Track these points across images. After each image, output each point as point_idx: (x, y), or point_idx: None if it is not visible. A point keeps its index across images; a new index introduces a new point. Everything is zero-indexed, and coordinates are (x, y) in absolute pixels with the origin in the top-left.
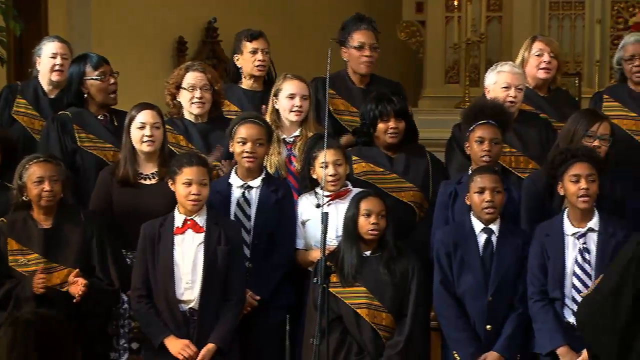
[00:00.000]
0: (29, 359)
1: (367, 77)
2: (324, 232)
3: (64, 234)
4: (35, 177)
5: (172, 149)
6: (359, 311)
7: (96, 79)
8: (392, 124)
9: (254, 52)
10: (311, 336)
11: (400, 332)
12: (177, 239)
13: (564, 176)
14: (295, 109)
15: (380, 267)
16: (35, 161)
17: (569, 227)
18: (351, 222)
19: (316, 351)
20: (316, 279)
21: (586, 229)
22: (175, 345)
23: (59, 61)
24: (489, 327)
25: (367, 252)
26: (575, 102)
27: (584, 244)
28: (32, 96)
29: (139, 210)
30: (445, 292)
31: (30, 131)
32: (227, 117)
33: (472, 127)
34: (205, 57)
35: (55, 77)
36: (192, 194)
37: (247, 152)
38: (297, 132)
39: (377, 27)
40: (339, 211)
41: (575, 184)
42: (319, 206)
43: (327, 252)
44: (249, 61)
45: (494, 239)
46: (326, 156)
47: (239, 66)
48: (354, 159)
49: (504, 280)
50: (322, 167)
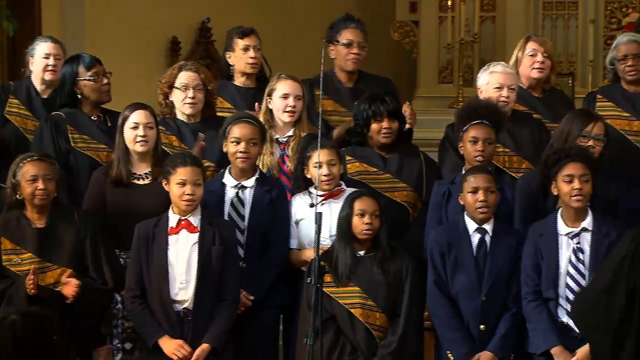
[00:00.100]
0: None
1: (354, 74)
2: (318, 231)
3: (58, 233)
4: (29, 176)
5: (165, 149)
6: (352, 311)
7: (89, 80)
8: (385, 124)
9: (246, 49)
10: (305, 336)
11: (393, 332)
12: (172, 239)
13: (557, 176)
14: (288, 109)
15: (374, 267)
16: (29, 160)
17: (562, 227)
18: (345, 222)
19: (310, 351)
20: (310, 278)
21: (580, 228)
22: (169, 345)
23: (51, 61)
24: (482, 327)
25: (361, 252)
26: (569, 102)
27: (578, 243)
28: (25, 96)
29: (132, 210)
30: (439, 292)
31: (23, 131)
32: (220, 116)
33: (465, 127)
34: (198, 57)
35: (48, 77)
36: (186, 194)
37: (240, 152)
38: (290, 132)
39: (366, 29)
40: (332, 211)
41: (568, 184)
42: (312, 206)
43: (320, 251)
44: (241, 58)
45: (487, 238)
46: (320, 156)
47: (231, 64)
48: (348, 158)
49: (498, 280)
50: (315, 166)
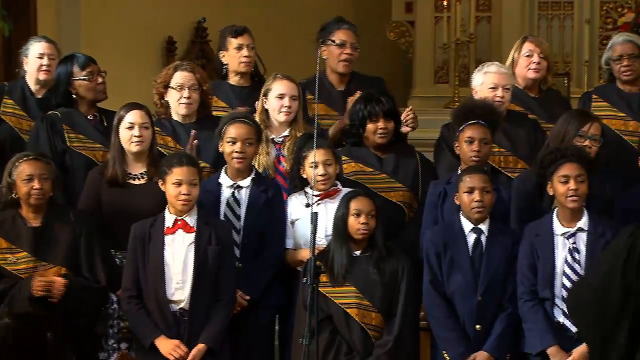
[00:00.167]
0: None
1: (346, 76)
2: (314, 231)
3: (53, 232)
4: (24, 175)
5: (160, 150)
6: (348, 311)
7: (84, 79)
8: (381, 124)
9: (239, 48)
10: (300, 336)
11: (389, 332)
12: (168, 239)
13: (553, 176)
14: (284, 109)
15: (370, 267)
16: (25, 159)
17: (558, 227)
18: (341, 221)
19: (305, 351)
20: (306, 278)
21: (576, 228)
22: (165, 345)
23: (45, 61)
24: (478, 327)
25: (357, 252)
26: (566, 102)
27: (574, 243)
28: (20, 96)
29: (128, 210)
30: (434, 292)
31: (18, 131)
32: (215, 116)
33: (462, 127)
34: (194, 57)
35: (42, 77)
36: (182, 194)
37: (236, 152)
38: (286, 132)
39: (358, 31)
40: (328, 211)
41: (564, 185)
42: (308, 206)
43: (316, 251)
44: (234, 57)
45: (483, 238)
46: (316, 156)
47: (225, 63)
48: (344, 158)
49: (494, 280)
50: (311, 166)
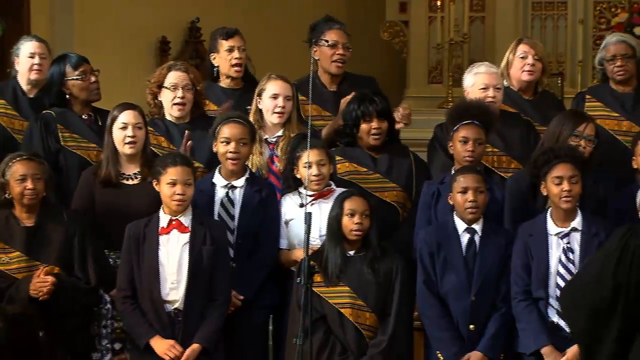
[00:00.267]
0: None
1: (338, 76)
2: (307, 231)
3: (47, 232)
4: (18, 175)
5: (154, 150)
6: (342, 311)
7: (77, 79)
8: (374, 124)
9: (230, 50)
10: (294, 336)
11: (383, 332)
12: (162, 239)
13: (547, 177)
14: (278, 110)
15: (364, 267)
16: (18, 159)
17: (552, 227)
18: (335, 221)
19: (299, 351)
20: (299, 278)
21: (569, 228)
22: (160, 345)
23: (37, 60)
24: (472, 326)
25: (351, 252)
26: (560, 105)
27: (568, 243)
28: (11, 96)
29: (122, 210)
30: (428, 292)
31: (10, 131)
32: (209, 116)
33: (456, 127)
34: (188, 57)
35: (33, 77)
36: (177, 194)
37: (230, 152)
38: (279, 133)
39: (347, 31)
40: (322, 211)
41: (558, 186)
42: (302, 206)
43: (310, 251)
44: (225, 59)
45: (477, 238)
46: (309, 156)
47: (216, 65)
48: (338, 158)
49: (487, 280)
50: (305, 167)
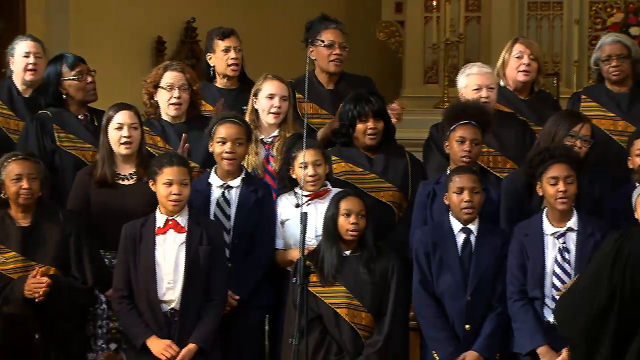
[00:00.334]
0: None
1: (335, 75)
2: (303, 232)
3: (42, 232)
4: (13, 175)
5: (149, 150)
6: (338, 311)
7: (73, 79)
8: (370, 124)
9: (227, 50)
10: (290, 336)
11: (379, 332)
12: (159, 239)
13: (542, 177)
14: (273, 110)
15: (360, 267)
16: (14, 159)
17: (548, 227)
18: (331, 221)
19: (295, 351)
20: (295, 278)
21: (565, 228)
22: (157, 345)
23: (32, 60)
24: (467, 326)
25: (347, 252)
26: (556, 105)
27: (564, 243)
28: (7, 96)
29: (117, 210)
30: (424, 292)
31: (5, 131)
32: (204, 116)
33: (453, 127)
34: (184, 57)
35: (28, 76)
36: (173, 194)
37: (226, 152)
38: (275, 133)
39: (345, 29)
40: (318, 211)
41: (553, 186)
42: (298, 206)
43: (306, 251)
44: (221, 60)
45: (472, 238)
46: (305, 156)
47: (212, 65)
48: (334, 159)
49: (483, 280)
50: (301, 167)
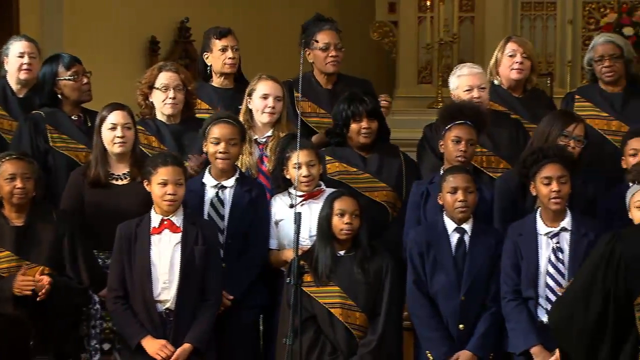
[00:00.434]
0: None
1: (333, 76)
2: (297, 232)
3: (36, 232)
4: (7, 174)
5: (143, 150)
6: (332, 311)
7: (69, 79)
8: (364, 123)
9: (224, 49)
10: (284, 336)
11: (373, 331)
12: (154, 239)
13: (536, 177)
14: (267, 110)
15: (354, 267)
16: (7, 158)
17: (541, 227)
18: (325, 221)
19: (289, 351)
20: (289, 278)
21: (559, 228)
22: (152, 345)
23: (26, 60)
24: (461, 326)
25: (341, 252)
26: (551, 102)
27: (557, 243)
28: (1, 96)
29: (111, 210)
30: (418, 291)
31: None
32: (199, 118)
33: (449, 126)
34: (177, 57)
35: (23, 76)
36: (168, 194)
37: (220, 152)
38: (269, 133)
39: (339, 27)
40: (312, 211)
41: (547, 186)
42: (292, 206)
43: (300, 252)
44: (218, 59)
45: (466, 238)
46: (299, 157)
47: (209, 64)
48: (328, 158)
49: (477, 279)
50: (295, 167)
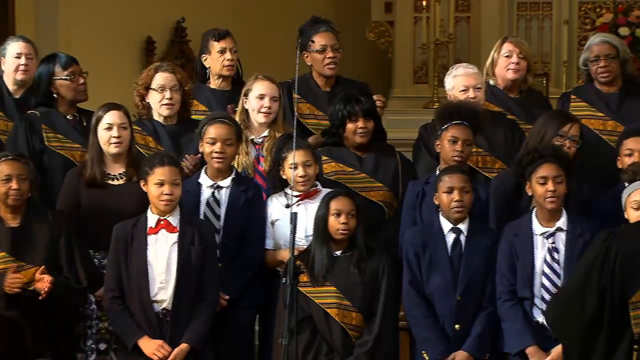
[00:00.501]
0: None
1: (332, 79)
2: (293, 232)
3: (32, 232)
4: (3, 175)
5: (140, 150)
6: (328, 311)
7: (65, 79)
8: (360, 123)
9: (222, 51)
10: (281, 336)
11: (369, 332)
12: (151, 239)
13: (531, 177)
14: (264, 110)
15: (350, 267)
16: (3, 159)
17: (537, 227)
18: (321, 221)
19: (285, 351)
20: (285, 279)
21: (555, 228)
22: (149, 345)
23: (23, 61)
24: (457, 326)
25: (338, 252)
26: (547, 103)
27: (553, 243)
28: None
29: (107, 210)
30: (414, 292)
31: None
32: (196, 118)
33: (445, 126)
34: (173, 57)
35: (20, 77)
36: (165, 194)
37: (216, 152)
38: (265, 133)
39: (335, 28)
40: (308, 211)
41: (542, 186)
42: (288, 206)
43: (296, 252)
44: (217, 61)
45: (462, 238)
46: (295, 157)
47: (207, 66)
48: (324, 158)
49: (473, 279)
50: (291, 167)
